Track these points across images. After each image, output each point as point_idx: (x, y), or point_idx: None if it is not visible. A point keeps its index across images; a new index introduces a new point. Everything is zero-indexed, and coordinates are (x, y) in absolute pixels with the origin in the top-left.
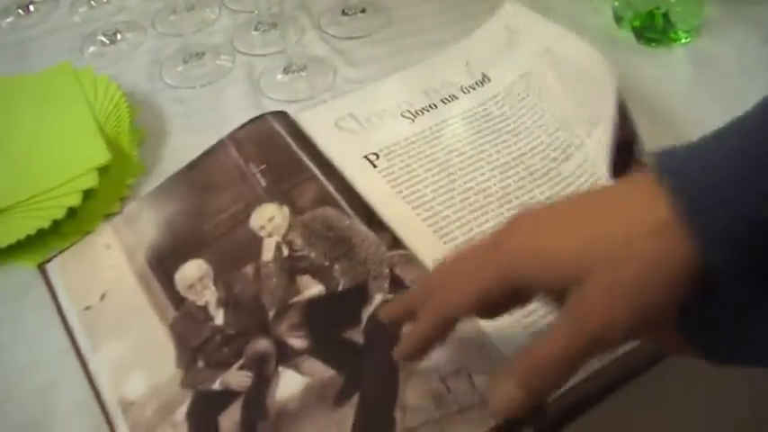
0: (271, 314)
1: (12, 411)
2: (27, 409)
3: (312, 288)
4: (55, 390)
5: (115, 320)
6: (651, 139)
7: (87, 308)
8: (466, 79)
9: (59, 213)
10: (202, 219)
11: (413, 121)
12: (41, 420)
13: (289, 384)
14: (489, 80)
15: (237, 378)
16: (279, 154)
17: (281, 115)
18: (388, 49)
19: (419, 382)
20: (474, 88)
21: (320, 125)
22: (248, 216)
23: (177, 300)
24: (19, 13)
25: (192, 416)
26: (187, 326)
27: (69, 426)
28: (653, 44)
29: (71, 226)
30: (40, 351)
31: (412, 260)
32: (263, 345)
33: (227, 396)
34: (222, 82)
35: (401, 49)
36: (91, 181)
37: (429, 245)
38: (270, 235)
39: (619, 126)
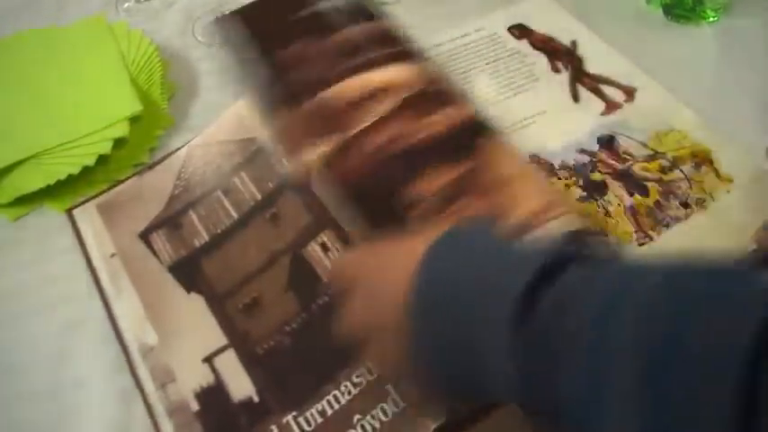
0: None
1: (39, 344)
2: (53, 343)
3: None
4: (79, 328)
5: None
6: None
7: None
8: None
9: (90, 160)
10: None
11: None
12: (66, 354)
13: None
14: None
15: None
16: None
17: None
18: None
19: None
20: None
21: None
22: None
23: None
24: None
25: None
26: None
27: (92, 361)
28: (681, 21)
29: (101, 174)
30: (67, 291)
31: None
32: None
33: None
34: None
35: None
36: (122, 130)
37: None
38: None
39: None
